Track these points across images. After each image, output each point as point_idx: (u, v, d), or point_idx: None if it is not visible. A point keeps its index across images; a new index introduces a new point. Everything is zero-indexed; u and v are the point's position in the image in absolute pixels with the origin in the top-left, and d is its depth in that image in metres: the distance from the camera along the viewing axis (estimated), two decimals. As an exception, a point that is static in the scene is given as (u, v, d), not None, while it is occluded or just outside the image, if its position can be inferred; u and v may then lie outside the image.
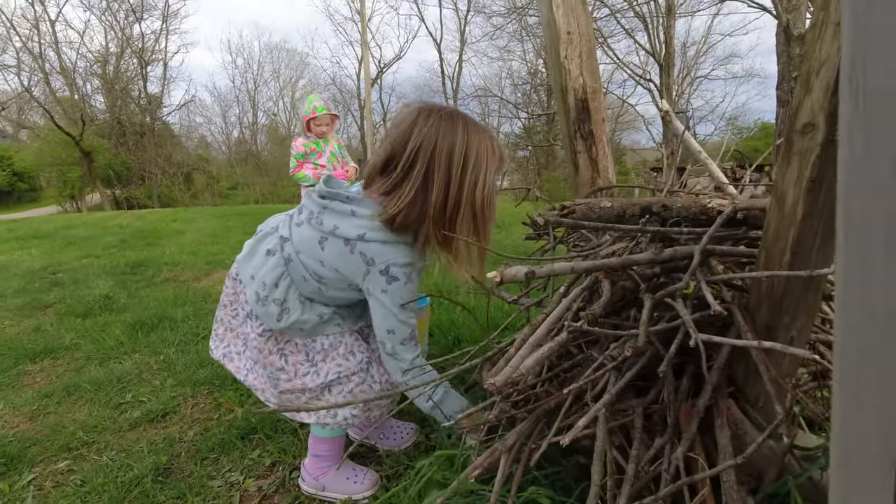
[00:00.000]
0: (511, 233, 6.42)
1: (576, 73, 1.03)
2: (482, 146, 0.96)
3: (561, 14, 0.99)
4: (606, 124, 1.08)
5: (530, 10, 19.90)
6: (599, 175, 1.05)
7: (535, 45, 23.72)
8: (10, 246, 6.28)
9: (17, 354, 2.09)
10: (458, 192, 0.94)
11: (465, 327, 2.01)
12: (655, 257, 0.73)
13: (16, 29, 18.56)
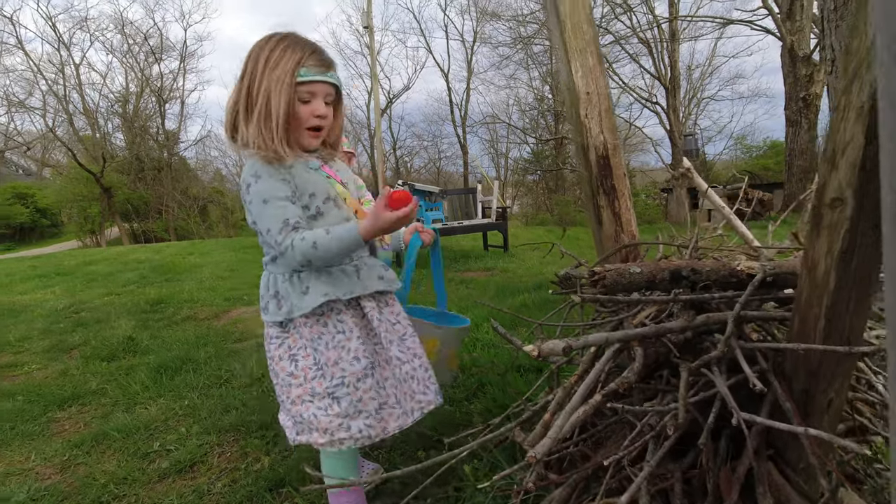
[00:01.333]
0: (525, 260, 6.44)
1: (596, 131, 1.06)
2: (283, 43, 1.06)
3: (580, 77, 1.02)
4: (627, 179, 1.10)
5: (535, 40, 20.36)
6: (623, 229, 1.07)
7: (541, 73, 24.15)
8: (34, 284, 6.42)
9: (45, 401, 2.12)
10: (253, 86, 1.04)
11: (488, 370, 2.01)
12: (688, 324, 0.75)
13: (42, 73, 19.38)
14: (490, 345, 2.43)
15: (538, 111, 25.71)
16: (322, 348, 1.11)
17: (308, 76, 1.06)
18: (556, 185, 25.65)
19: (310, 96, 1.08)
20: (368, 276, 1.16)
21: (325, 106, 1.10)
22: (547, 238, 10.16)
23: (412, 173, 27.02)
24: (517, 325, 2.89)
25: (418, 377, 1.16)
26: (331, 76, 1.10)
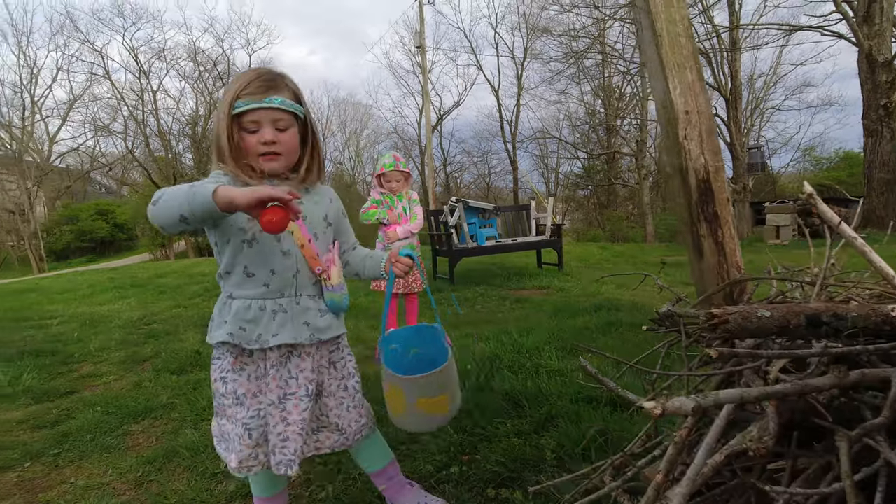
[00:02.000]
0: (580, 279, 6.22)
1: (696, 153, 0.97)
2: (233, 79, 1.11)
3: (678, 94, 0.94)
4: (730, 204, 1.00)
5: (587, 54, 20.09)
6: (727, 260, 0.96)
7: (593, 87, 23.76)
8: (112, 296, 6.87)
9: (122, 413, 2.20)
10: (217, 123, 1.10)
11: (558, 398, 1.90)
12: (840, 381, 0.64)
13: (125, 100, 21.12)
14: (555, 372, 2.31)
15: (589, 125, 25.28)
16: (243, 379, 1.15)
17: (242, 106, 1.07)
18: (608, 200, 24.99)
19: (255, 125, 1.08)
20: (288, 321, 1.13)
21: (274, 132, 1.09)
22: (600, 255, 9.83)
23: (461, 189, 27.15)
24: (582, 351, 2.76)
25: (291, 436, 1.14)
26: (271, 101, 1.08)
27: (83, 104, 22.70)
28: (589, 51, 19.72)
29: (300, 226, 1.14)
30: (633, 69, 19.39)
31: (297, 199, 0.92)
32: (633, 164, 23.53)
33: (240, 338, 1.12)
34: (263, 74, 1.10)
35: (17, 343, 3.94)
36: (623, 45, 20.08)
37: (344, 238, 1.31)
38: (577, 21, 19.15)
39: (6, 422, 2.21)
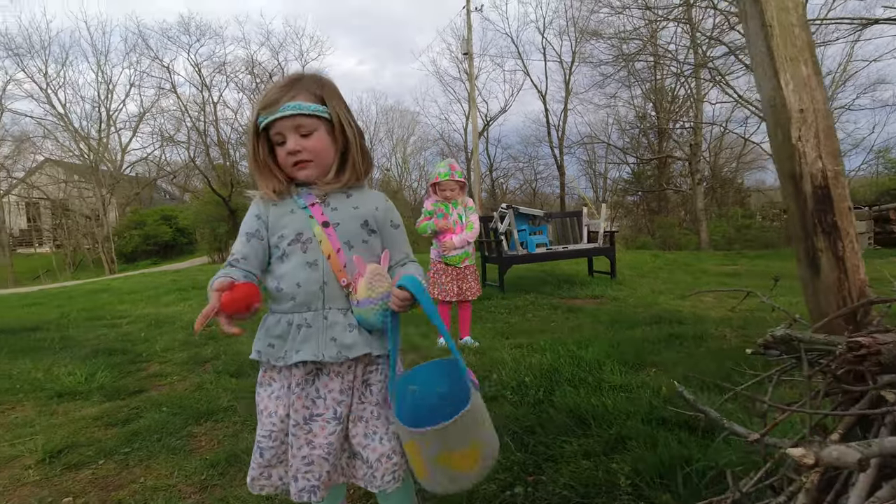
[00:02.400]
0: (635, 288, 5.96)
1: (813, 156, 0.86)
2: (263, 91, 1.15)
3: (791, 90, 0.83)
4: (853, 214, 0.88)
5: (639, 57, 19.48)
6: (848, 277, 0.84)
7: (644, 90, 23.02)
8: (175, 297, 7.22)
9: (186, 414, 2.27)
10: None
11: (627, 418, 1.78)
12: None
13: (188, 112, 22.40)
14: (619, 388, 2.19)
15: (640, 129, 24.51)
16: (265, 394, 1.13)
17: (263, 120, 1.06)
18: (659, 206, 24.08)
19: (281, 137, 1.07)
20: (312, 337, 1.07)
21: (297, 140, 1.06)
22: (652, 263, 9.42)
23: (507, 195, 26.94)
24: (643, 365, 2.61)
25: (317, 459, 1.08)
26: (284, 109, 1.04)
27: (151, 116, 24.28)
28: (640, 53, 19.11)
29: (329, 234, 1.09)
30: (687, 71, 18.63)
31: (210, 316, 0.96)
32: (686, 169, 22.58)
33: (267, 354, 1.10)
34: (280, 82, 1.09)
35: (92, 341, 4.18)
36: (676, 47, 19.35)
37: (392, 251, 1.18)
38: (628, 23, 18.65)
39: (82, 418, 2.32)
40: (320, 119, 1.06)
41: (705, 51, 17.43)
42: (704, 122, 19.77)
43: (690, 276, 7.22)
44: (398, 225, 1.20)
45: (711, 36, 16.51)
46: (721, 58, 16.53)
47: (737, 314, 4.18)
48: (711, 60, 16.86)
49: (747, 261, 9.73)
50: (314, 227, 1.08)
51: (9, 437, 2.13)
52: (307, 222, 1.09)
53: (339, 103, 1.10)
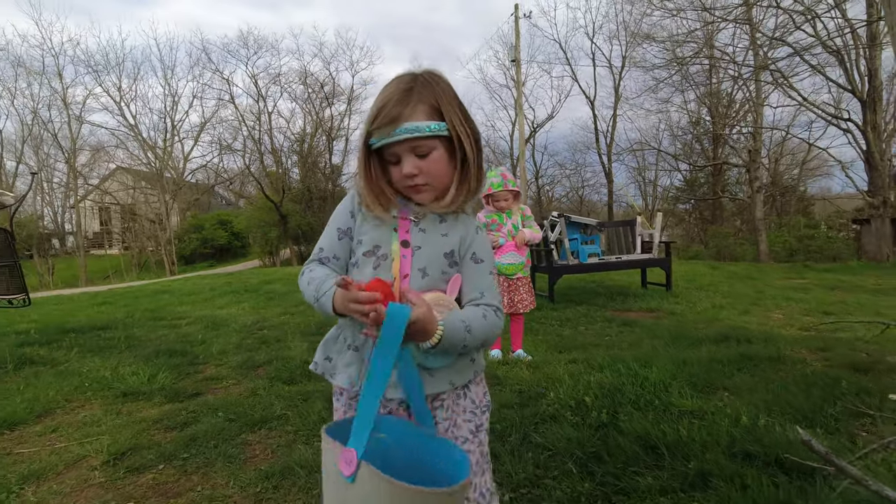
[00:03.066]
0: (693, 302, 5.62)
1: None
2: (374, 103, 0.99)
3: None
4: None
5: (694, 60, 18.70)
6: None
7: (698, 94, 22.09)
8: (229, 300, 7.48)
9: (241, 421, 2.28)
10: None
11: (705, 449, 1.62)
12: None
13: (245, 122, 23.48)
14: (691, 414, 2.02)
15: (693, 135, 23.55)
16: (339, 406, 1.06)
17: (377, 143, 0.97)
18: (713, 214, 22.98)
19: (395, 157, 0.98)
20: (356, 361, 1.00)
21: (414, 161, 0.96)
22: (710, 275, 8.93)
23: (553, 202, 26.52)
24: (714, 389, 2.41)
25: None
26: (400, 133, 0.93)
27: (211, 126, 25.62)
28: (696, 56, 18.34)
29: (405, 255, 1.00)
30: (746, 73, 17.71)
31: (350, 282, 0.85)
32: (743, 176, 21.43)
33: (323, 368, 1.05)
34: (393, 97, 0.95)
35: (154, 341, 4.37)
36: (734, 48, 18.47)
37: (466, 285, 1.02)
38: (683, 25, 17.97)
39: (144, 419, 2.38)
40: (437, 138, 0.97)
41: (766, 52, 16.55)
42: (764, 127, 18.71)
43: (753, 289, 6.78)
44: (481, 260, 1.04)
45: (774, 37, 15.64)
46: (785, 59, 15.62)
47: (812, 334, 3.85)
48: (773, 62, 15.96)
49: (815, 274, 9.06)
50: (393, 243, 1.00)
51: (78, 435, 2.21)
52: (389, 235, 1.01)
53: (456, 112, 0.98)
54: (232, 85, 24.02)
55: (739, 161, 20.07)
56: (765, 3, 15.08)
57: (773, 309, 5.08)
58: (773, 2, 14.50)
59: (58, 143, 23.63)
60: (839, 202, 22.27)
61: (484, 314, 0.96)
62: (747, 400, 2.10)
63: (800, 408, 1.93)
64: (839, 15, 14.40)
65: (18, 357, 3.59)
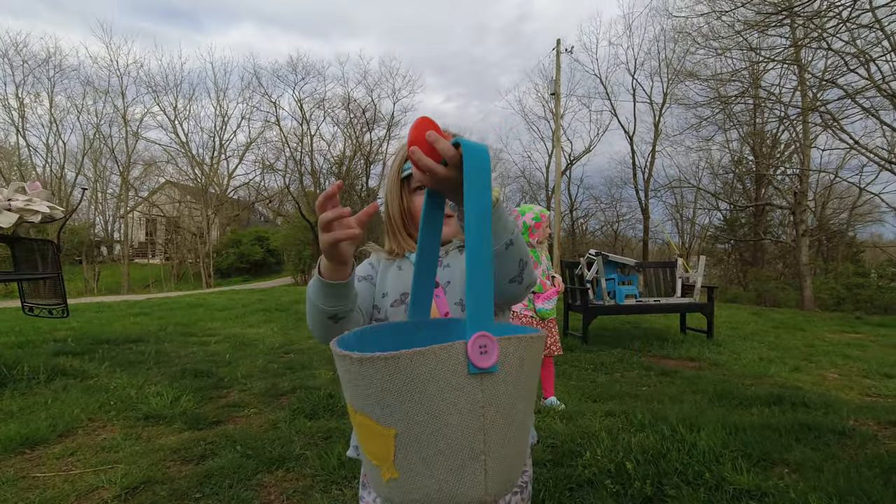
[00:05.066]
0: (737, 352, 5.24)
1: None
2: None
3: None
4: None
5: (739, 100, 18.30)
6: None
7: (741, 133, 21.55)
8: (259, 318, 7.53)
9: (258, 459, 2.19)
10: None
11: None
12: None
13: (288, 143, 24.28)
14: (749, 495, 1.80)
15: (735, 174, 22.87)
16: (368, 499, 0.92)
17: (407, 168, 0.92)
18: (754, 256, 22.06)
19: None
20: None
21: None
22: (754, 323, 8.44)
23: (587, 235, 26.09)
24: (771, 463, 2.17)
25: None
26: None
27: (256, 146, 26.57)
28: (741, 96, 17.95)
29: (438, 296, 0.92)
30: (793, 114, 17.19)
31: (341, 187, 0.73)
32: (787, 219, 20.56)
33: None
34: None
35: (183, 359, 4.38)
36: (780, 89, 18.01)
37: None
38: (727, 64, 17.68)
39: (162, 447, 2.32)
40: None
41: (815, 93, 16.05)
42: (812, 170, 17.99)
43: (802, 342, 6.33)
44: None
45: (824, 78, 15.17)
46: (835, 102, 15.09)
47: (877, 401, 3.51)
48: (824, 104, 15.44)
49: (869, 328, 8.43)
50: None
51: (94, 461, 2.17)
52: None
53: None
54: (279, 108, 24.98)
55: (784, 203, 19.31)
56: (814, 45, 14.72)
57: (827, 367, 4.70)
58: (823, 44, 14.13)
59: (114, 157, 24.97)
60: (891, 250, 21.06)
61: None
62: (813, 483, 1.86)
63: (878, 499, 1.69)
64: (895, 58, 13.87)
65: (52, 368, 3.64)
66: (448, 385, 0.52)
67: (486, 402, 0.54)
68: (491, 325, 0.55)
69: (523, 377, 0.58)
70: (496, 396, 0.54)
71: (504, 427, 0.56)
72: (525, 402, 0.59)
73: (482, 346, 0.53)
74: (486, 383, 0.54)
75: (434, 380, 0.52)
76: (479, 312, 0.55)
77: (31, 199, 3.54)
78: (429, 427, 0.53)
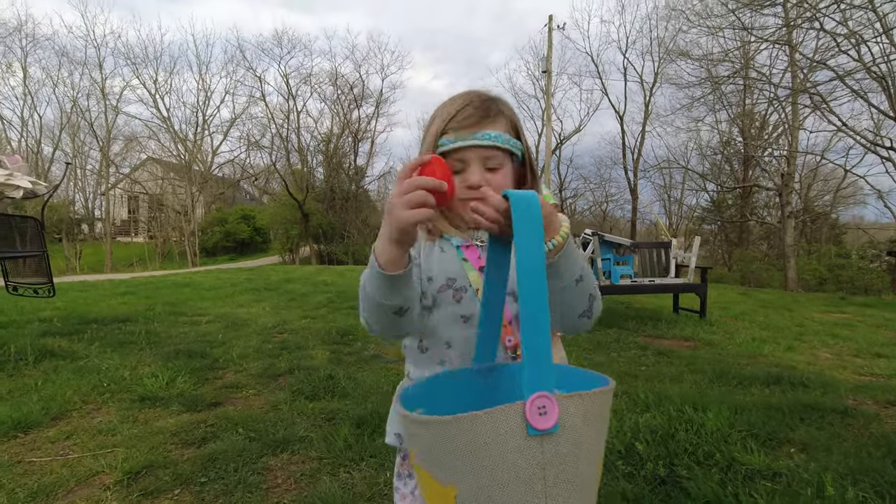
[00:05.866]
0: (732, 332, 5.32)
1: None
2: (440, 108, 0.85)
3: None
4: None
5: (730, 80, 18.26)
6: None
7: (730, 114, 21.59)
8: (249, 297, 7.42)
9: (262, 442, 2.14)
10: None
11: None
12: None
13: (274, 119, 23.73)
14: (762, 475, 1.79)
15: (723, 156, 23.00)
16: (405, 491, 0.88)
17: (448, 144, 0.80)
18: (740, 237, 22.38)
19: (461, 164, 0.81)
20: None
21: (483, 173, 0.80)
22: (743, 302, 8.58)
23: (576, 215, 26.17)
24: (778, 442, 2.18)
25: None
26: (484, 137, 0.79)
27: (241, 122, 25.97)
28: (733, 76, 17.91)
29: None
30: (784, 95, 17.23)
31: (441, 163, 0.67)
32: (773, 200, 20.83)
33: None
34: (475, 101, 0.84)
35: (174, 339, 4.29)
36: (770, 70, 17.98)
37: None
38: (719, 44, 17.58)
39: (161, 430, 2.26)
40: (509, 155, 0.85)
41: (806, 75, 16.07)
42: (800, 151, 18.13)
43: (792, 322, 6.43)
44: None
45: (815, 59, 15.17)
46: (825, 83, 15.13)
47: (871, 380, 3.57)
48: (814, 86, 15.47)
49: (855, 308, 8.61)
50: (469, 274, 0.85)
51: (92, 445, 2.10)
52: (459, 266, 0.85)
53: (526, 141, 0.89)
54: (264, 83, 24.34)
55: (770, 184, 19.50)
56: (806, 26, 14.67)
57: (818, 346, 4.78)
58: (815, 24, 14.08)
59: (93, 132, 24.20)
60: (873, 231, 21.49)
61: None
62: (823, 462, 1.87)
63: (892, 480, 1.70)
64: (886, 40, 13.88)
65: (39, 348, 3.53)
66: (507, 447, 0.52)
67: (546, 463, 0.53)
68: (550, 383, 0.54)
69: (587, 435, 0.55)
70: (557, 457, 0.53)
71: (567, 490, 0.54)
72: (588, 463, 0.56)
73: (541, 408, 0.53)
74: (547, 445, 0.53)
75: (494, 442, 0.52)
76: (537, 370, 0.54)
77: (12, 174, 3.37)
78: (488, 490, 0.52)
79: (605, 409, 0.60)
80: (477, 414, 0.52)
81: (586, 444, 0.55)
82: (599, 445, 0.59)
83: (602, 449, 0.60)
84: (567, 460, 0.53)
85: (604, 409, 0.59)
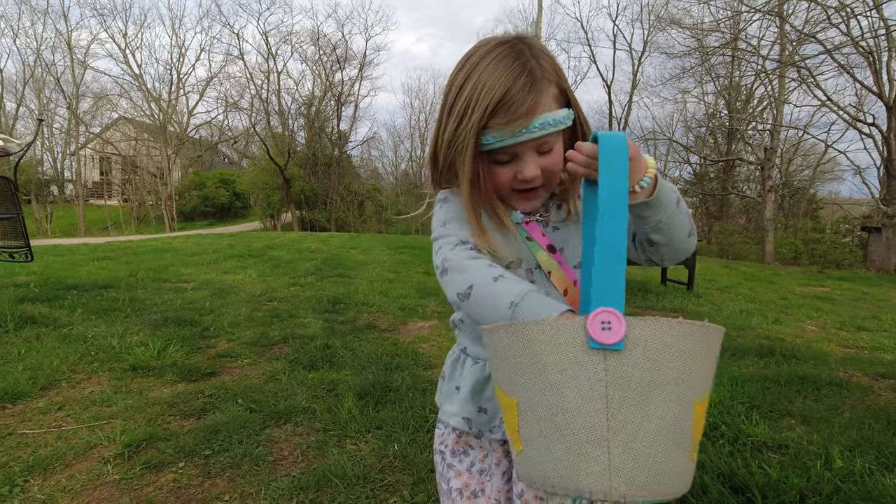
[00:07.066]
0: (720, 305, 5.43)
1: None
2: (470, 81, 0.70)
3: None
4: None
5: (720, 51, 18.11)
6: None
7: (717, 86, 21.56)
8: (233, 264, 7.25)
9: (264, 413, 2.09)
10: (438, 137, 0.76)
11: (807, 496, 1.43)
12: None
13: (253, 80, 22.81)
14: (768, 446, 1.81)
15: (707, 128, 23.09)
16: (461, 468, 0.85)
17: (494, 143, 0.70)
18: (720, 210, 22.75)
19: (509, 156, 0.72)
20: None
21: (536, 162, 0.71)
22: (727, 275, 8.78)
23: (561, 186, 26.21)
24: (778, 414, 2.22)
25: None
26: (532, 130, 0.68)
27: (218, 82, 24.95)
28: (723, 48, 17.77)
29: (560, 262, 0.78)
30: (772, 68, 17.22)
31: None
32: (754, 174, 21.11)
33: (479, 424, 0.81)
34: (519, 81, 0.68)
35: (160, 306, 4.16)
36: (759, 41, 17.89)
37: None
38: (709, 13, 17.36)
39: (157, 402, 2.19)
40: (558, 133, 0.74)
41: (795, 48, 16.04)
42: (783, 125, 18.29)
43: (776, 295, 6.60)
44: None
45: (804, 32, 15.12)
46: (814, 57, 15.13)
47: (857, 353, 3.67)
48: (802, 59, 15.47)
49: (833, 282, 8.89)
50: (537, 254, 0.77)
51: (86, 416, 2.02)
52: (524, 246, 0.78)
53: (574, 100, 0.76)
54: (242, 40, 23.29)
55: (753, 158, 19.71)
56: (799, -4, 14.55)
57: (803, 319, 4.90)
58: (810, -6, 13.97)
59: (60, 88, 22.96)
60: (848, 207, 22.05)
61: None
62: (826, 434, 1.91)
63: (894, 450, 1.74)
64: (875, 14, 13.85)
65: (19, 315, 3.38)
66: (566, 358, 0.49)
67: (609, 382, 0.48)
68: (619, 302, 0.50)
69: (668, 372, 0.48)
70: (623, 378, 0.48)
71: (637, 417, 0.47)
72: (668, 396, 0.49)
73: (605, 322, 0.48)
74: (612, 362, 0.48)
75: (551, 351, 0.49)
76: (607, 289, 0.50)
77: (-20, 129, 3.13)
78: (545, 399, 0.50)
79: (700, 352, 0.51)
80: (536, 321, 0.51)
81: (666, 382, 0.48)
82: (689, 395, 0.50)
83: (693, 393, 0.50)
84: (635, 388, 0.48)
85: (697, 349, 0.51)
